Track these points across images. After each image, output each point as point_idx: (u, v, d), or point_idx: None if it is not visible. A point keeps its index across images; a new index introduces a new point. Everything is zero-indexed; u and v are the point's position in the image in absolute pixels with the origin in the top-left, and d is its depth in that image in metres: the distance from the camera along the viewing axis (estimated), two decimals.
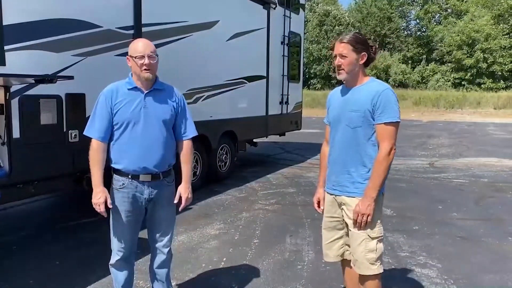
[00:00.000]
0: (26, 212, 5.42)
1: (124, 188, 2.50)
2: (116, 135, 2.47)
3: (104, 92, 2.49)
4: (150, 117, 2.47)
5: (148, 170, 2.49)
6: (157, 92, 2.53)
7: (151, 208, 2.61)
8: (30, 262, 3.73)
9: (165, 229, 2.67)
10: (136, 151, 2.46)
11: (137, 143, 2.46)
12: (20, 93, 3.75)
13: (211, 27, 6.41)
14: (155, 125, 2.49)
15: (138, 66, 2.41)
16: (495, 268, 3.69)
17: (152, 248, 2.73)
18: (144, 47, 2.43)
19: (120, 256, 2.59)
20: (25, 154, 3.80)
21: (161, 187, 2.58)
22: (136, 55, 2.42)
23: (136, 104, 2.46)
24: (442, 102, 30.84)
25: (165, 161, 2.55)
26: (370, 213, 2.28)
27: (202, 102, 6.34)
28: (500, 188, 6.86)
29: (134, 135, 2.46)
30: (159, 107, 2.51)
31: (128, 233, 2.58)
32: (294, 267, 3.70)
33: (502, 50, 34.65)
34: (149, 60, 2.41)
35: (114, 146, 2.49)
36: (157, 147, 2.50)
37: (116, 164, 2.50)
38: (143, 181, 2.51)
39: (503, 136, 15.04)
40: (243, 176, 7.62)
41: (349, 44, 2.33)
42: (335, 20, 41.45)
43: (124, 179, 2.49)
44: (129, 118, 2.44)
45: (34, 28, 3.82)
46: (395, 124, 2.29)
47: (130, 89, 2.48)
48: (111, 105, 2.44)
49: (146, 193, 2.53)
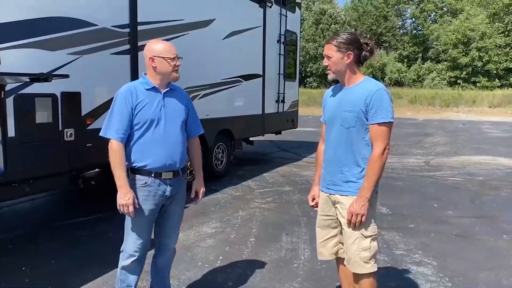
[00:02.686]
0: (21, 211, 5.40)
1: (147, 187, 2.51)
2: (137, 135, 2.49)
3: (122, 92, 2.49)
4: (170, 115, 2.54)
5: (172, 167, 2.55)
6: (172, 92, 2.61)
7: (167, 204, 2.64)
8: (26, 261, 3.71)
9: (176, 224, 2.73)
10: (161, 149, 2.50)
11: (161, 141, 2.50)
12: (15, 91, 3.74)
13: (207, 25, 6.40)
14: (175, 123, 2.56)
15: (171, 67, 2.50)
16: (490, 265, 3.71)
17: (159, 244, 2.74)
18: (174, 49, 2.53)
19: (136, 257, 2.58)
20: (20, 153, 3.78)
21: (179, 183, 2.65)
22: (170, 56, 2.49)
23: (156, 103, 2.51)
24: (438, 100, 30.97)
25: (184, 158, 2.64)
26: (364, 213, 2.29)
27: (199, 100, 6.33)
28: (495, 186, 6.90)
29: (157, 134, 2.49)
30: (177, 106, 2.60)
31: (147, 232, 2.60)
32: (290, 265, 3.70)
33: (497, 49, 34.81)
34: (179, 62, 2.54)
35: (135, 146, 2.50)
36: (178, 145, 2.57)
37: (138, 163, 2.50)
38: (165, 179, 2.54)
39: (498, 135, 15.12)
40: (239, 174, 7.62)
41: (332, 45, 2.36)
42: (331, 18, 41.51)
43: (146, 178, 2.50)
44: (152, 118, 2.48)
45: (29, 26, 3.80)
46: (389, 125, 2.30)
47: (148, 89, 2.51)
48: (132, 105, 2.45)
49: (168, 190, 2.57)
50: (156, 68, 2.50)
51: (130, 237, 2.56)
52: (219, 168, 7.28)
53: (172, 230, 2.73)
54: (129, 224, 2.55)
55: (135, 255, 2.57)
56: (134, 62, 4.93)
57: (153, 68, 2.50)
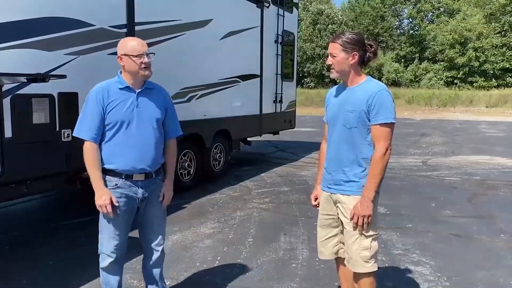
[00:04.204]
0: (19, 212, 5.38)
1: (117, 188, 2.46)
2: (108, 135, 2.43)
3: (94, 91, 2.44)
4: (143, 116, 2.46)
5: (143, 170, 2.48)
6: (148, 91, 2.52)
7: (143, 207, 2.59)
8: (23, 262, 3.70)
9: (158, 227, 2.66)
10: (131, 151, 2.44)
11: (132, 143, 2.44)
12: (12, 92, 3.71)
13: (205, 25, 6.39)
14: (148, 124, 2.48)
15: (138, 65, 2.39)
16: (488, 265, 3.72)
17: (145, 248, 2.70)
18: (142, 45, 2.42)
19: (113, 258, 2.55)
20: (17, 154, 3.77)
21: (154, 185, 2.57)
22: (136, 53, 2.39)
23: (129, 103, 2.43)
24: (435, 100, 31.07)
25: (158, 160, 2.56)
26: (370, 214, 2.29)
27: (196, 101, 6.33)
28: (492, 185, 6.91)
29: (128, 135, 2.43)
30: (151, 106, 2.50)
31: (122, 234, 2.55)
32: (288, 265, 3.70)
33: (494, 49, 34.93)
34: (148, 59, 2.42)
35: (106, 146, 2.45)
36: (151, 147, 2.50)
37: (108, 164, 2.45)
38: (136, 181, 2.49)
39: (495, 134, 15.17)
40: (237, 175, 7.62)
41: (338, 44, 2.35)
42: (328, 19, 41.55)
43: (117, 180, 2.46)
44: (123, 118, 2.41)
45: (26, 26, 3.79)
46: (391, 125, 2.30)
47: (121, 89, 2.44)
48: (103, 104, 2.40)
49: (140, 192, 2.51)
50: (124, 67, 2.44)
51: (104, 239, 2.53)
52: (217, 169, 7.27)
53: (154, 233, 2.64)
54: (103, 225, 2.51)
55: (112, 256, 2.54)
56: None
57: (123, 67, 2.45)
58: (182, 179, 6.28)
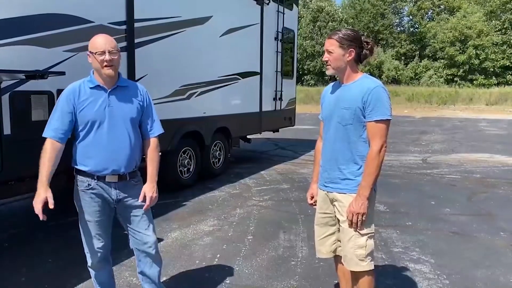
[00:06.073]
0: (18, 210, 5.38)
1: (90, 189, 2.41)
2: (80, 135, 2.37)
3: (65, 91, 2.38)
4: (116, 116, 2.37)
5: (116, 171, 2.41)
6: (121, 89, 2.43)
7: (122, 210, 2.52)
8: (22, 260, 3.70)
9: (144, 230, 2.54)
10: (102, 152, 2.36)
11: (104, 144, 2.36)
12: (11, 89, 3.70)
13: (204, 22, 6.37)
14: (121, 124, 2.39)
15: (99, 63, 2.31)
16: (487, 263, 3.71)
17: (136, 252, 2.62)
18: (105, 43, 2.33)
19: (98, 257, 2.54)
20: (16, 151, 3.75)
21: (128, 187, 2.48)
22: (96, 51, 2.31)
23: (100, 103, 2.35)
24: (435, 98, 31.07)
25: (132, 161, 2.46)
26: (365, 212, 2.28)
27: (195, 98, 6.31)
28: (492, 183, 6.91)
29: (100, 135, 2.35)
30: (125, 105, 2.41)
31: (103, 232, 2.52)
32: (288, 263, 3.70)
33: (494, 47, 34.94)
34: (110, 56, 2.30)
35: (79, 147, 2.39)
36: (124, 147, 2.41)
37: (80, 165, 2.40)
38: (109, 182, 2.42)
39: (495, 132, 15.16)
40: (237, 172, 7.61)
41: (335, 40, 2.33)
42: (329, 16, 41.52)
43: (89, 180, 2.40)
44: (93, 118, 2.34)
45: (25, 23, 3.77)
46: (386, 122, 2.28)
47: (92, 88, 2.37)
48: (74, 104, 2.33)
49: (114, 193, 2.45)
50: (92, 64, 2.36)
51: (87, 240, 2.51)
52: (217, 166, 7.26)
53: (145, 237, 2.54)
54: (82, 227, 2.50)
55: (98, 254, 2.53)
56: (130, 59, 4.90)
57: (91, 64, 2.37)
58: (182, 177, 6.28)
